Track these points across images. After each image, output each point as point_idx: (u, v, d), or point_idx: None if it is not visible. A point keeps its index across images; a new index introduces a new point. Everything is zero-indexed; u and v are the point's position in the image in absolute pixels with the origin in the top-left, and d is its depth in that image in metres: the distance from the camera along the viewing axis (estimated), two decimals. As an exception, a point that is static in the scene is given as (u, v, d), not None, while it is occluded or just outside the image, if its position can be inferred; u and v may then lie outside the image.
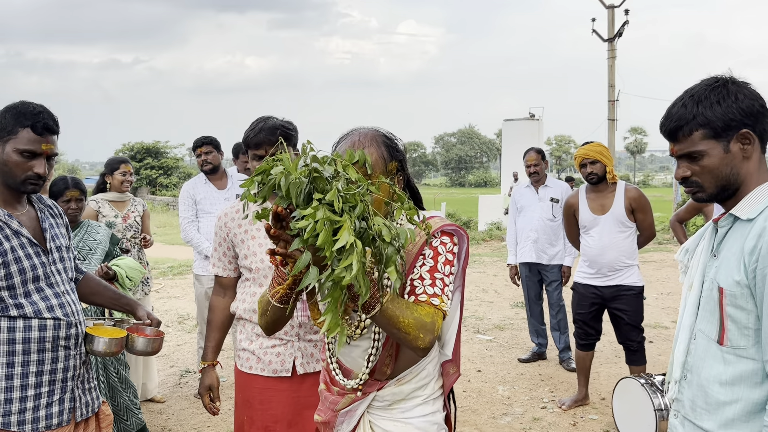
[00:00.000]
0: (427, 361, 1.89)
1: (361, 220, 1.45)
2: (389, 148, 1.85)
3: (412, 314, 1.67)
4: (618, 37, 18.55)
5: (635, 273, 4.42)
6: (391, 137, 1.89)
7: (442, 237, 1.82)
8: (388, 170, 1.83)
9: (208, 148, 5.02)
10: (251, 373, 2.61)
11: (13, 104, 2.15)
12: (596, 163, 4.39)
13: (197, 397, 5.01)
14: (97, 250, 3.71)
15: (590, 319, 4.56)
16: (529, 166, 5.67)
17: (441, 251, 1.80)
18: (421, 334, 1.67)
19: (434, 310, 1.72)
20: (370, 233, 1.47)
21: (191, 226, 5.01)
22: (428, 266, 1.78)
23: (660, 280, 10.14)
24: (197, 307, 5.18)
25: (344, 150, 1.81)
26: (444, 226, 1.84)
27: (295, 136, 2.67)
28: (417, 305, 1.71)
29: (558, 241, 5.62)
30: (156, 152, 34.58)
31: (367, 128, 1.89)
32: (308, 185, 1.43)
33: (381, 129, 1.90)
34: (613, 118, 18.92)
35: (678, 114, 1.64)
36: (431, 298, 1.73)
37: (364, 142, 1.82)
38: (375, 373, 1.87)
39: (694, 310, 1.72)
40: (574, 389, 4.98)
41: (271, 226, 1.49)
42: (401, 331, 1.66)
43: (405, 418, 1.87)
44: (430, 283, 1.75)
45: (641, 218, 4.42)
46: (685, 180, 1.68)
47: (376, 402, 1.88)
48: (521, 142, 18.84)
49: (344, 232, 1.38)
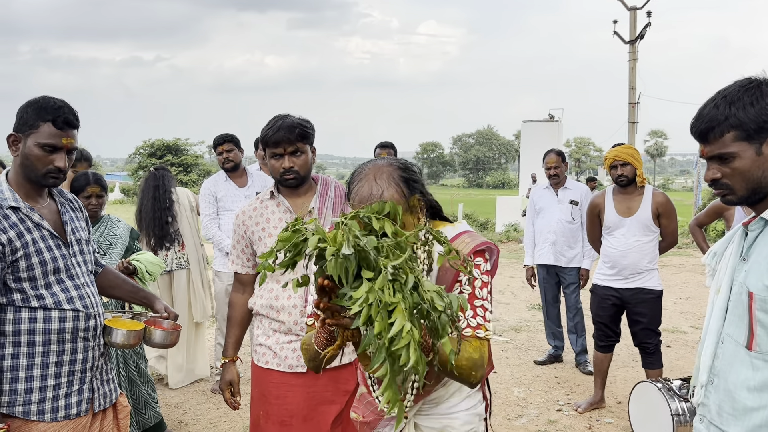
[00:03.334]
0: None
1: (412, 292, 1.38)
2: (408, 181, 1.77)
3: (462, 355, 1.67)
4: (639, 39, 18.38)
5: (655, 277, 4.40)
6: (407, 166, 1.81)
7: (476, 259, 1.78)
8: (410, 206, 1.77)
9: (229, 145, 5.06)
10: (268, 368, 2.64)
11: (34, 99, 2.18)
12: (627, 166, 4.36)
13: (214, 392, 5.06)
14: (117, 244, 3.76)
15: (610, 320, 4.54)
16: (549, 168, 5.65)
17: (477, 275, 1.77)
18: (473, 372, 1.69)
19: (480, 343, 1.71)
20: (424, 307, 1.40)
21: (212, 223, 5.05)
22: (467, 294, 1.75)
23: (679, 284, 10.05)
24: (217, 304, 5.22)
25: (364, 193, 1.73)
26: (475, 247, 1.79)
27: (312, 134, 2.67)
28: (464, 342, 1.70)
29: (576, 243, 5.59)
30: (176, 149, 34.81)
31: (380, 164, 1.79)
32: (356, 264, 1.38)
33: (395, 162, 1.81)
34: (634, 120, 18.76)
35: (710, 115, 1.61)
36: (476, 330, 1.72)
37: (382, 185, 1.73)
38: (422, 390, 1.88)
39: (721, 314, 1.69)
40: (590, 392, 4.95)
41: (320, 300, 1.45)
42: (455, 374, 1.68)
43: (450, 413, 1.88)
44: (472, 315, 1.74)
45: (666, 224, 4.39)
46: (715, 182, 1.65)
47: (423, 405, 1.89)
48: (540, 143, 18.79)
49: (398, 315, 1.33)
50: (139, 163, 34.89)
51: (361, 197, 1.73)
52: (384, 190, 1.72)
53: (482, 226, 20.38)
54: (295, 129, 2.57)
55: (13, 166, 2.21)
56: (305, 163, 2.62)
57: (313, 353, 1.78)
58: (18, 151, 2.15)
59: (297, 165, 2.59)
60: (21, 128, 2.15)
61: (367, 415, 1.98)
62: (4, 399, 2.09)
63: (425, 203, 1.84)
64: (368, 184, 1.74)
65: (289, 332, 2.61)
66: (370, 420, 1.96)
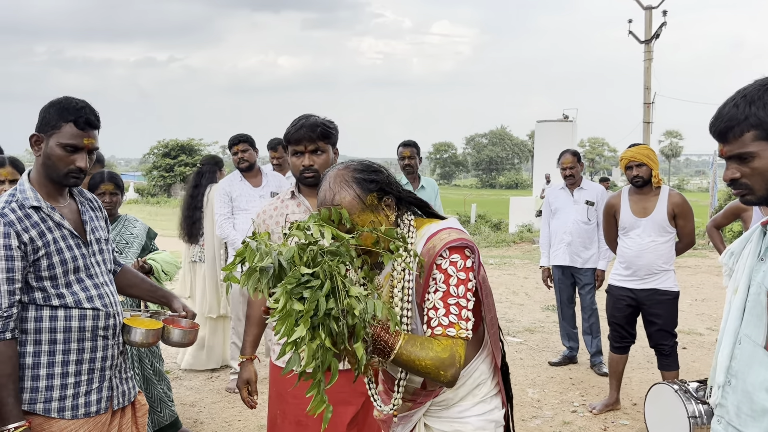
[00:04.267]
0: (479, 361, 1.88)
1: (328, 298, 1.50)
2: (361, 182, 1.80)
3: (427, 354, 1.67)
4: (655, 39, 18.26)
5: (671, 278, 4.37)
6: (362, 167, 1.85)
7: (452, 255, 1.74)
8: (368, 205, 1.79)
9: (244, 146, 5.08)
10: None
11: (56, 99, 2.21)
12: (642, 166, 4.34)
13: (229, 391, 5.08)
14: (134, 243, 3.79)
15: (625, 322, 4.52)
16: (565, 169, 5.63)
17: (452, 272, 1.73)
18: (441, 372, 1.68)
19: (451, 341, 1.70)
20: (336, 312, 1.50)
21: (227, 223, 5.08)
22: (441, 292, 1.73)
23: (695, 285, 9.98)
24: (231, 303, 5.25)
25: (320, 197, 1.81)
26: (449, 243, 1.75)
27: (335, 135, 2.69)
28: (434, 340, 1.70)
29: (592, 244, 5.57)
30: (190, 149, 35.01)
31: (338, 167, 1.85)
32: (277, 271, 1.53)
33: (351, 164, 1.86)
34: (649, 120, 18.64)
35: (729, 114, 1.59)
36: (447, 329, 1.70)
37: (334, 188, 1.79)
38: (427, 385, 1.88)
39: (739, 314, 1.68)
40: (605, 394, 4.93)
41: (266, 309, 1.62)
42: (421, 372, 1.69)
43: (462, 417, 1.87)
44: (444, 312, 1.71)
45: (682, 225, 4.36)
46: (734, 182, 1.63)
47: (432, 406, 1.89)
48: (554, 143, 18.71)
49: (301, 325, 1.47)
50: (153, 163, 35.13)
51: (319, 201, 1.82)
52: (336, 194, 1.78)
53: (495, 226, 20.32)
54: (317, 128, 2.60)
55: (35, 165, 2.24)
56: (325, 162, 2.63)
57: None
58: (40, 151, 2.18)
59: (317, 164, 2.62)
60: (43, 128, 2.18)
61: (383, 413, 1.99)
62: (25, 396, 2.12)
63: (393, 199, 1.85)
64: (324, 188, 1.82)
65: None
66: (386, 417, 1.97)
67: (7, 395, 2.04)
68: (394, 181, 1.88)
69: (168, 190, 34.07)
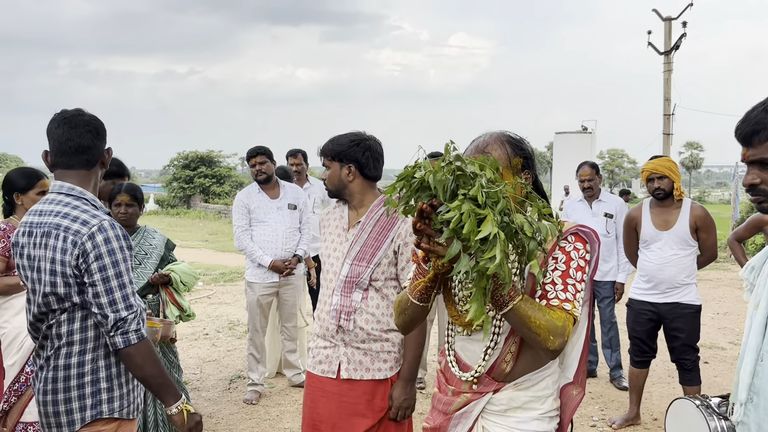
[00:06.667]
0: (547, 372, 1.88)
1: (503, 214, 1.51)
2: (513, 145, 1.91)
3: (544, 316, 1.69)
4: (675, 50, 18.15)
5: (693, 291, 4.32)
6: (517, 137, 1.96)
7: (576, 242, 1.82)
8: (512, 165, 1.88)
9: (262, 158, 5.12)
10: (308, 370, 2.80)
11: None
12: (664, 179, 4.30)
13: (246, 402, 5.09)
14: (153, 254, 3.81)
15: (646, 336, 4.46)
16: (583, 181, 5.59)
17: (574, 256, 1.80)
18: (551, 337, 1.69)
19: (566, 315, 1.73)
20: (513, 227, 1.52)
21: (245, 235, 5.11)
22: (560, 271, 1.78)
23: (716, 299, 9.84)
24: (249, 314, 5.26)
25: (474, 145, 1.92)
26: (578, 228, 1.83)
27: (348, 153, 2.73)
28: (550, 309, 1.72)
29: (611, 257, 5.52)
30: (209, 161, 35.27)
31: (494, 131, 1.96)
32: (453, 182, 1.52)
33: (508, 131, 1.97)
34: (669, 132, 18.49)
35: (757, 118, 1.56)
36: (563, 303, 1.74)
37: (488, 141, 1.91)
38: (493, 371, 1.88)
39: (761, 330, 1.64)
40: (625, 408, 4.87)
41: (417, 221, 1.56)
42: (532, 331, 1.69)
43: (520, 429, 1.86)
44: (562, 288, 1.76)
45: (704, 238, 4.31)
46: (753, 188, 1.60)
47: (491, 406, 1.88)
48: (573, 155, 18.57)
49: (488, 223, 1.45)
50: (173, 174, 35.38)
51: (471, 149, 1.93)
52: (488, 145, 1.89)
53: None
54: (329, 145, 2.76)
55: (91, 177, 2.26)
56: (329, 177, 2.78)
57: (404, 302, 1.90)
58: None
59: (326, 178, 2.80)
60: None
61: (437, 418, 1.99)
62: (115, 405, 2.17)
63: (531, 176, 1.94)
64: (478, 140, 1.93)
65: (324, 338, 2.73)
66: (439, 423, 1.97)
67: (168, 375, 2.17)
68: (535, 165, 1.98)
69: (188, 201, 34.29)
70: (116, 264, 2.08)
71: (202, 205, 32.59)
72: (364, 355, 2.65)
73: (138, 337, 2.09)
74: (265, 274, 5.10)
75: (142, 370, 2.11)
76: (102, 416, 2.14)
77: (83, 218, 2.09)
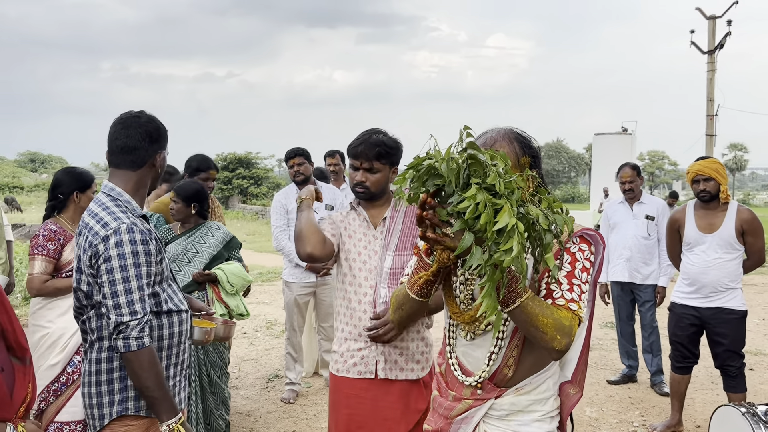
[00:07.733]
0: (548, 374, 1.87)
1: (518, 206, 1.47)
2: (521, 143, 1.88)
3: (552, 314, 1.67)
4: (719, 49, 17.74)
5: (738, 296, 4.21)
6: (525, 135, 1.93)
7: (581, 243, 1.80)
8: (520, 164, 1.85)
9: (300, 159, 5.16)
10: (339, 376, 2.70)
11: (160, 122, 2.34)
12: (710, 181, 4.21)
13: (284, 401, 5.13)
14: (204, 253, 3.83)
15: (688, 341, 4.37)
16: (624, 183, 5.50)
17: (579, 257, 1.78)
18: (558, 336, 1.67)
19: (572, 315, 1.71)
20: (529, 218, 1.48)
21: (283, 235, 5.16)
22: (566, 271, 1.76)
23: (762, 304, 9.59)
24: (286, 314, 5.31)
25: (483, 140, 1.89)
26: (583, 231, 1.82)
27: (395, 155, 2.69)
28: (555, 308, 1.70)
29: (653, 260, 5.42)
30: (248, 163, 35.72)
31: (501, 127, 1.94)
32: (466, 170, 1.47)
33: (515, 128, 1.95)
34: (712, 133, 18.08)
35: None
36: (569, 303, 1.72)
37: (496, 137, 1.88)
38: (496, 377, 1.86)
39: None
40: (667, 414, 4.77)
41: (421, 210, 1.53)
42: (539, 329, 1.66)
43: (521, 431, 1.85)
44: (568, 288, 1.74)
45: (751, 242, 4.20)
46: None
47: (493, 411, 1.86)
48: (612, 157, 18.33)
49: (505, 213, 1.40)
50: (212, 175, 35.88)
51: (480, 143, 1.89)
52: (497, 141, 1.87)
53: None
54: (375, 148, 2.63)
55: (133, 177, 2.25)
56: (377, 181, 2.67)
57: (402, 297, 1.90)
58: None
59: (369, 181, 2.67)
60: (162, 144, 2.32)
61: (437, 421, 1.96)
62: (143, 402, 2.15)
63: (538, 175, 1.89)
64: (487, 135, 1.91)
65: (358, 340, 2.66)
66: (440, 427, 1.95)
67: (168, 391, 2.12)
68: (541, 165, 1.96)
69: (226, 202, 34.78)
70: (124, 268, 2.06)
71: (240, 206, 33.00)
72: (400, 354, 2.63)
73: (138, 345, 2.05)
74: (303, 273, 5.14)
75: (139, 380, 2.07)
76: (127, 413, 2.14)
77: (106, 220, 2.12)
